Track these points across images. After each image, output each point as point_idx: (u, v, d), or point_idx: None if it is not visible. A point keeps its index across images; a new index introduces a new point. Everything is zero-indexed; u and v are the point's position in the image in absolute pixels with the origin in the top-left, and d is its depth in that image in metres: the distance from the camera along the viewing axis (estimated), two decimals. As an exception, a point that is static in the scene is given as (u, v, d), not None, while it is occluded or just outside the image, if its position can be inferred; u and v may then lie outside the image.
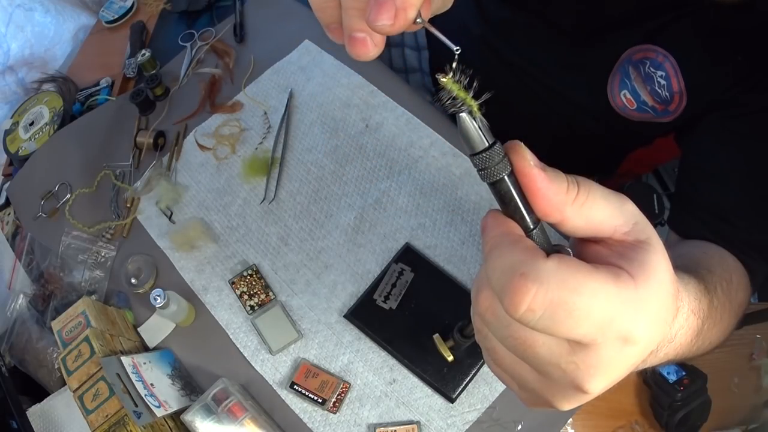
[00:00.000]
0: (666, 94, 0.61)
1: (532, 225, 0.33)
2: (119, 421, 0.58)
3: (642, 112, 0.65)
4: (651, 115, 0.65)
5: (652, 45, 0.61)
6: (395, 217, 0.73)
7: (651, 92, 0.63)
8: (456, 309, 0.65)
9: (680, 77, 0.59)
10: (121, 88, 0.96)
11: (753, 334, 0.67)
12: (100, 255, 0.77)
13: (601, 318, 0.24)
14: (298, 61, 0.88)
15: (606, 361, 0.26)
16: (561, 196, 0.26)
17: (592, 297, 0.24)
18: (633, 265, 0.26)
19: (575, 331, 0.24)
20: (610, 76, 0.66)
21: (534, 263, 0.25)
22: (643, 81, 0.63)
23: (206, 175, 0.81)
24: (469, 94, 0.26)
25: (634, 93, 0.64)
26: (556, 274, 0.24)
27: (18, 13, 1.00)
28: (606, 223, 0.27)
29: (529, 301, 0.24)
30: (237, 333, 0.69)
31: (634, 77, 0.64)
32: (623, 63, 0.65)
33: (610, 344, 0.25)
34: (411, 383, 0.64)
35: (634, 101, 0.65)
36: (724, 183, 0.58)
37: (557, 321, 0.24)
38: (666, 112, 0.63)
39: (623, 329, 0.25)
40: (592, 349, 0.25)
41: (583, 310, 0.24)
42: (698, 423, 0.60)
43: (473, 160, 0.29)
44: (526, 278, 0.24)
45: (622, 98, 0.66)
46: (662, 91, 0.62)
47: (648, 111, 0.65)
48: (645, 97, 0.64)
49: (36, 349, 0.72)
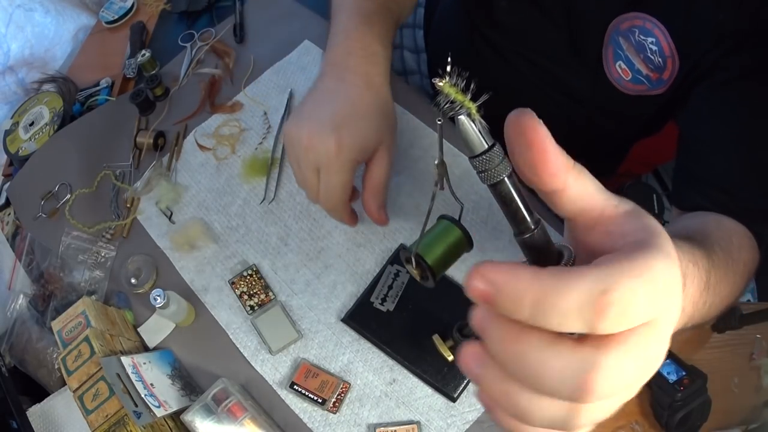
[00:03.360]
0: (659, 60, 0.62)
1: (533, 225, 0.33)
2: (119, 421, 0.58)
3: (637, 83, 0.66)
4: (646, 87, 0.66)
5: (637, 12, 0.62)
6: (395, 217, 0.73)
7: (644, 59, 0.63)
8: (454, 308, 0.65)
9: (670, 39, 0.60)
10: (121, 89, 0.96)
11: (753, 334, 0.67)
12: (100, 255, 0.77)
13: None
14: (298, 61, 0.88)
15: None
16: (565, 158, 0.27)
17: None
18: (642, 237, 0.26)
19: None
20: (603, 49, 0.67)
21: None
22: (636, 50, 0.64)
23: (206, 176, 0.81)
24: (467, 97, 0.26)
25: (629, 62, 0.65)
26: None
27: (18, 13, 1.00)
28: (597, 194, 0.28)
29: None
30: (237, 333, 0.69)
31: (626, 47, 0.65)
32: (612, 34, 0.66)
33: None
34: (411, 383, 0.64)
35: (629, 71, 0.66)
36: (719, 152, 0.58)
37: None
38: (660, 81, 0.64)
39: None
40: None
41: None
42: (698, 423, 0.60)
43: (473, 162, 0.28)
44: None
45: (617, 69, 0.67)
46: (655, 57, 0.62)
47: (643, 81, 0.65)
48: (639, 66, 0.64)
49: (36, 349, 0.73)
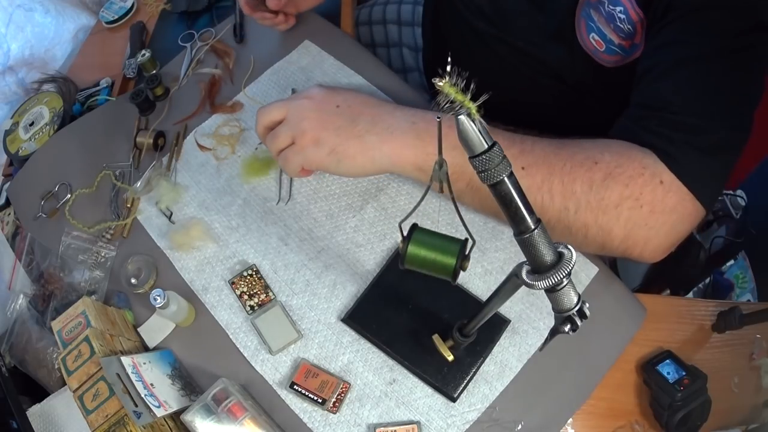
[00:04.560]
0: (628, 27, 0.63)
1: (533, 225, 0.33)
2: (119, 421, 0.58)
3: (612, 53, 0.67)
4: (621, 56, 0.67)
5: None
6: (395, 217, 0.73)
7: (615, 29, 0.65)
8: (454, 308, 0.65)
9: (637, 7, 0.61)
10: (121, 89, 0.96)
11: (753, 334, 0.67)
12: (100, 255, 0.77)
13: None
14: (298, 61, 0.88)
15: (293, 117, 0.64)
16: None
17: None
18: None
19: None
20: (576, 21, 0.69)
21: None
22: (606, 20, 0.65)
23: (206, 176, 0.81)
24: (466, 97, 0.26)
25: (600, 33, 0.67)
26: None
27: (18, 13, 1.00)
28: None
29: None
30: (237, 333, 0.69)
31: (597, 18, 0.66)
32: (583, 8, 0.67)
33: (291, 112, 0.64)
34: (411, 383, 0.64)
35: (602, 42, 0.67)
36: (661, 79, 0.58)
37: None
38: (634, 47, 0.65)
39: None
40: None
41: None
42: (698, 423, 0.60)
43: (473, 162, 0.29)
44: None
45: (591, 41, 0.68)
46: (624, 25, 0.63)
47: (617, 51, 0.67)
48: (611, 36, 0.66)
49: (36, 349, 0.73)
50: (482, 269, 0.69)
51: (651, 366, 0.62)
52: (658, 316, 0.66)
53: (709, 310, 0.68)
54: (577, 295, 0.37)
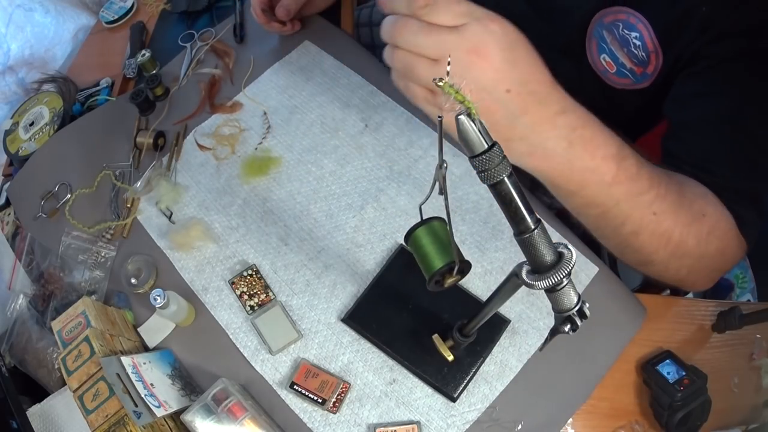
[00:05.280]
0: (642, 54, 0.63)
1: (533, 225, 0.33)
2: (119, 421, 0.58)
3: (622, 76, 0.67)
4: (631, 81, 0.67)
5: (621, 6, 0.63)
6: (395, 217, 0.73)
7: (628, 53, 0.65)
8: (454, 308, 0.65)
9: (653, 35, 0.61)
10: (121, 89, 0.96)
11: (753, 334, 0.67)
12: (100, 255, 0.77)
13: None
14: (298, 61, 0.88)
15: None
16: None
17: None
18: None
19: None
20: (586, 41, 0.68)
21: None
22: (620, 44, 0.65)
23: (206, 176, 0.81)
24: (467, 97, 0.26)
25: (613, 56, 0.67)
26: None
27: (18, 13, 1.00)
28: None
29: None
30: (237, 333, 0.69)
31: (610, 40, 0.66)
32: (596, 27, 0.67)
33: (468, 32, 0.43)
34: (411, 383, 0.64)
35: (613, 64, 0.67)
36: (699, 133, 0.59)
37: None
38: (644, 76, 0.65)
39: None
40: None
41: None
42: (698, 423, 0.60)
43: (473, 162, 0.29)
44: None
45: (602, 62, 0.68)
46: (638, 51, 0.64)
47: (627, 75, 0.67)
48: (623, 60, 0.66)
49: (36, 349, 0.73)
50: (482, 269, 0.69)
51: (651, 366, 0.62)
52: (658, 316, 0.66)
53: (709, 310, 0.68)
54: (577, 295, 0.37)
